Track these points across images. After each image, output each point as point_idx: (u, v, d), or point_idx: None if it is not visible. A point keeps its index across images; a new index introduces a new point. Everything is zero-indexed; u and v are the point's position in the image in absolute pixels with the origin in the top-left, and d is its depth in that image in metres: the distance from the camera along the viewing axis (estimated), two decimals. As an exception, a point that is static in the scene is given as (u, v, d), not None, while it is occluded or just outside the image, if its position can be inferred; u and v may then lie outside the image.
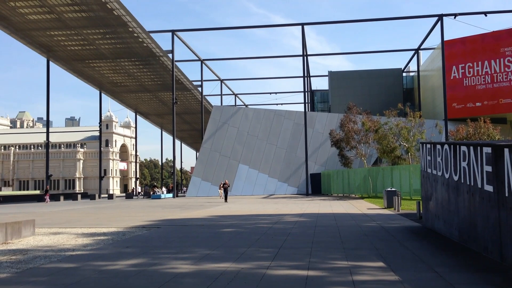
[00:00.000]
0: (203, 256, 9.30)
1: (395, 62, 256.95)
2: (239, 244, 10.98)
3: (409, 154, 40.97)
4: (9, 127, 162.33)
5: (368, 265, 8.17)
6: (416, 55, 63.43)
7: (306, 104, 55.97)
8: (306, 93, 57.29)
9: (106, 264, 8.70)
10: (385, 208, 23.28)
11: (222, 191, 39.27)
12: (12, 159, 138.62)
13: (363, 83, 67.54)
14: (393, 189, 24.70)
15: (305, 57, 55.02)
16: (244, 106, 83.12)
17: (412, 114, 42.96)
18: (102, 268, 8.27)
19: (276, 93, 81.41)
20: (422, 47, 60.46)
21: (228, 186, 36.96)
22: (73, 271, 8.05)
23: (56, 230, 15.18)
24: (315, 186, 51.22)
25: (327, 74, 73.46)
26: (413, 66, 69.74)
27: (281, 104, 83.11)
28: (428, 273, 7.51)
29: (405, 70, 70.37)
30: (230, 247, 10.54)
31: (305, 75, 54.88)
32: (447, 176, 11.35)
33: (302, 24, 52.03)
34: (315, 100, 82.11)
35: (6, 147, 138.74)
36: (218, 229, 14.76)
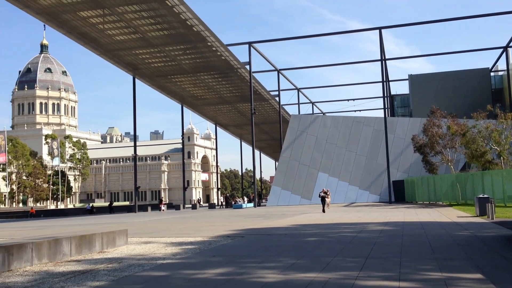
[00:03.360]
0: (289, 266, 9.28)
1: (481, 61, 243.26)
2: (324, 254, 10.84)
3: (502, 158, 38.43)
4: (100, 142, 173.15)
5: (465, 277, 7.72)
6: (505, 53, 59.61)
7: (386, 110, 54.50)
8: (386, 98, 55.78)
9: (195, 272, 8.93)
10: (477, 216, 21.97)
11: (328, 200, 35.68)
12: (103, 173, 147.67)
13: (446, 85, 64.57)
14: (485, 195, 23.26)
15: (383, 62, 53.68)
16: (322, 114, 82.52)
17: (504, 115, 40.30)
18: (192, 277, 8.50)
19: (354, 99, 80.00)
20: (511, 45, 56.75)
21: (325, 195, 32.07)
22: (165, 279, 8.36)
23: (146, 239, 15.87)
24: (398, 193, 49.49)
25: (407, 77, 71.20)
26: (501, 65, 65.61)
27: (359, 110, 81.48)
28: (533, 286, 6.95)
29: (493, 70, 66.33)
30: (315, 257, 10.44)
31: (384, 79, 53.51)
32: (549, 181, 10.50)
33: (380, 28, 50.92)
34: (395, 105, 79.78)
35: (98, 161, 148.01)
36: (301, 238, 14.68)
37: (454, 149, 42.18)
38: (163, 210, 55.34)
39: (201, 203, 73.13)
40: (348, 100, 79.98)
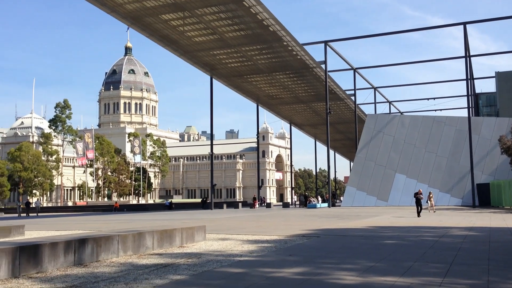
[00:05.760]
0: (367, 268, 9.08)
1: None
2: (403, 258, 10.50)
3: None
4: (178, 141, 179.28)
5: (562, 289, 7.15)
6: None
7: (470, 109, 51.79)
8: (470, 97, 52.97)
9: (272, 271, 8.98)
10: None
11: (433, 202, 33.23)
12: (181, 170, 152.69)
13: (538, 82, 60.22)
14: None
15: (467, 58, 51.01)
16: (399, 114, 79.90)
17: None
18: (269, 275, 8.55)
19: (434, 98, 76.45)
20: None
21: (421, 196, 27.80)
22: (243, 276, 8.48)
23: (223, 236, 16.21)
24: (483, 197, 46.84)
25: (493, 75, 67.29)
26: None
27: (440, 110, 77.85)
28: None
29: None
30: (394, 260, 10.13)
31: (468, 77, 50.87)
32: None
33: (464, 23, 48.51)
34: (479, 104, 75.74)
35: (176, 159, 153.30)
36: (379, 240, 14.31)
37: (546, 151, 39.26)
38: (256, 207, 58.30)
39: (292, 201, 74.00)
40: (428, 99, 76.73)
